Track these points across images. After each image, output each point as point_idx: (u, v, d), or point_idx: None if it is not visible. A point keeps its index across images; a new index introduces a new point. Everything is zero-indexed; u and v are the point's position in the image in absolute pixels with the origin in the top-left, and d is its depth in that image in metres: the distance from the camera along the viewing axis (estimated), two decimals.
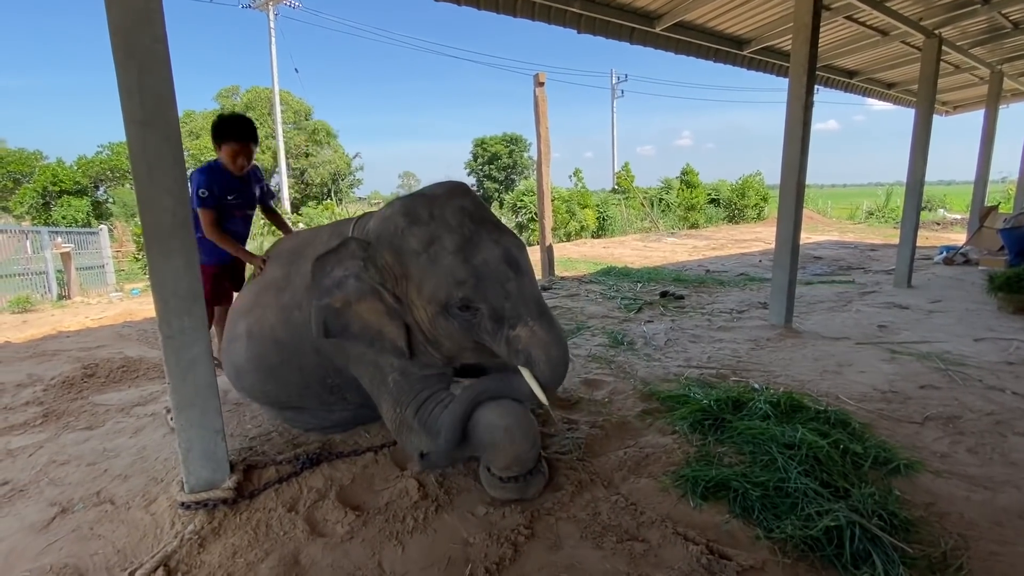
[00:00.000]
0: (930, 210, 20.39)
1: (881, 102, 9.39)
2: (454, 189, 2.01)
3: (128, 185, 22.55)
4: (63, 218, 19.54)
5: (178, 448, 2.00)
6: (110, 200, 22.55)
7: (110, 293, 8.57)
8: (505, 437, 1.91)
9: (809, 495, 1.89)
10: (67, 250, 8.24)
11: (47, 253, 8.48)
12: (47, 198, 20.96)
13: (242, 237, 2.93)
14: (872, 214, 21.32)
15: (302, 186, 26.90)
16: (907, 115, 7.34)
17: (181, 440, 1.98)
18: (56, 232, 9.52)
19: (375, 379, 2.14)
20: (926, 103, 6.00)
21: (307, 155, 26.93)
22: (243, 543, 1.83)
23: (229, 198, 2.73)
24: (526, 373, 1.86)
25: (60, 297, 8.13)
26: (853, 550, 1.65)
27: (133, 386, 3.56)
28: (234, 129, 2.69)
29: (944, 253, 8.10)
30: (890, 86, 8.86)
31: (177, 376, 1.92)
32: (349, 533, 1.87)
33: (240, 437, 2.61)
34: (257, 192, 2.96)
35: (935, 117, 6.74)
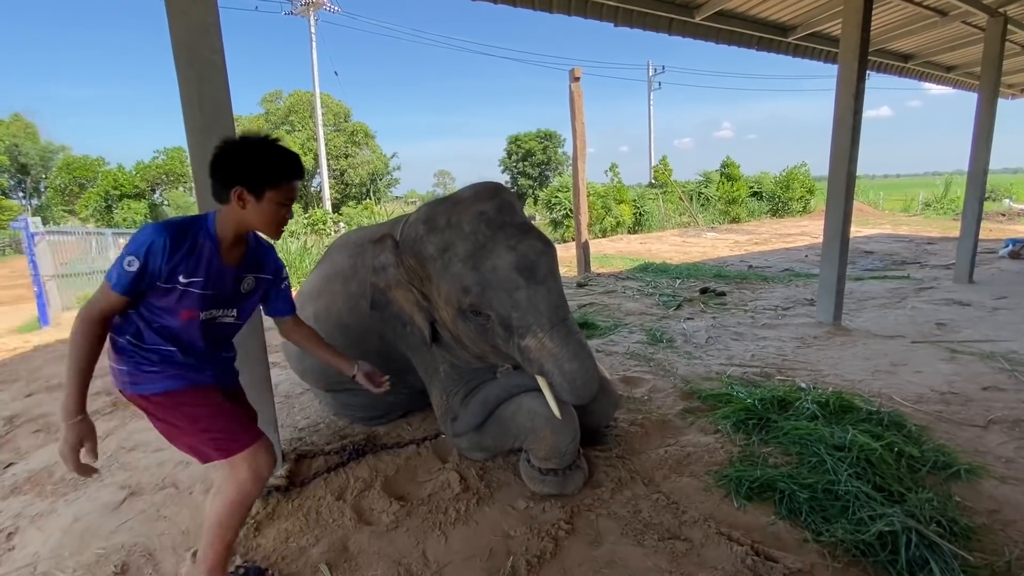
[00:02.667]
0: (994, 200, 19.15)
1: (939, 86, 8.83)
2: (480, 193, 2.01)
3: (181, 188, 23.79)
4: (123, 220, 20.80)
5: None
6: (165, 203, 23.82)
7: None
8: (546, 425, 1.94)
9: (861, 499, 1.83)
10: None
11: (111, 253, 9.05)
12: (109, 201, 22.35)
13: (203, 354, 1.50)
14: (929, 205, 20.19)
15: (342, 186, 27.64)
16: (968, 99, 6.91)
17: None
18: (119, 233, 10.14)
19: (429, 367, 2.25)
20: (990, 86, 5.63)
21: (346, 156, 27.62)
22: (295, 528, 1.92)
23: (183, 281, 1.37)
24: (542, 383, 1.88)
25: None
26: (909, 557, 1.59)
27: None
28: (290, 161, 1.42)
29: (1010, 246, 7.61)
30: (949, 69, 8.33)
31: None
32: (394, 522, 1.93)
33: (290, 428, 2.73)
34: (257, 295, 1.60)
35: (1000, 101, 6.31)
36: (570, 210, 13.20)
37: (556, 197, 16.01)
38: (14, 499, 2.24)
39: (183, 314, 1.41)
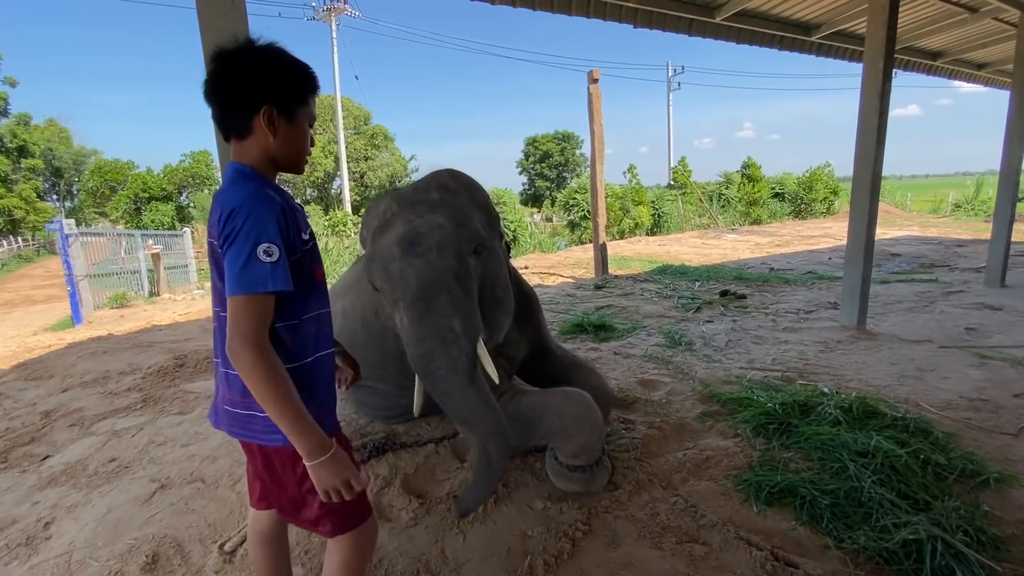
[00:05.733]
0: None
1: (969, 84, 8.60)
2: (425, 176, 1.97)
3: (207, 191, 24.36)
4: (152, 222, 21.41)
5: None
6: (192, 205, 24.44)
7: (193, 290, 9.31)
8: (576, 423, 1.96)
9: (885, 506, 1.80)
10: (157, 251, 9.04)
11: (140, 254, 9.34)
12: (138, 204, 23.02)
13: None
14: (959, 207, 19.59)
15: (362, 188, 28.01)
16: (1001, 97, 6.69)
17: None
18: (147, 235, 10.45)
19: None
20: (1023, 84, 5.45)
21: (366, 159, 28.01)
22: None
23: (304, 239, 1.14)
24: (481, 350, 1.69)
25: (151, 294, 8.93)
26: (934, 566, 1.55)
27: None
28: (309, 67, 1.14)
29: None
30: (980, 67, 8.08)
31: None
32: (413, 520, 1.96)
33: None
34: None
35: None
36: (588, 212, 13.16)
37: (574, 199, 15.98)
38: (51, 490, 2.34)
39: (317, 273, 1.17)
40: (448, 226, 1.70)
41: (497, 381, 1.72)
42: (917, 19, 5.95)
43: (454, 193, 1.88)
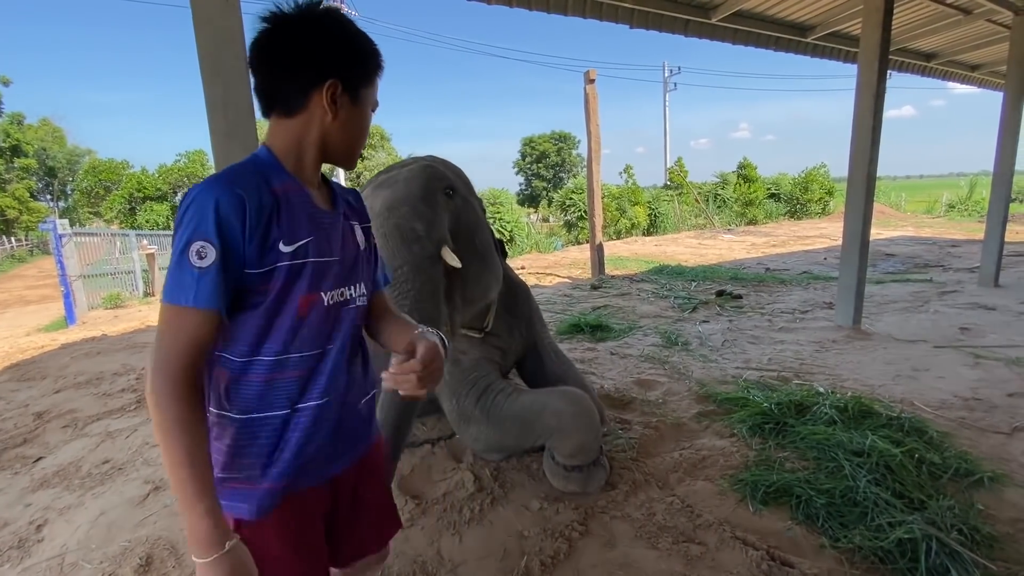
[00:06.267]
0: (1021, 202, 18.60)
1: (963, 85, 8.65)
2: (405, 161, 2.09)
3: None
4: (146, 222, 21.28)
5: None
6: None
7: None
8: (573, 423, 1.96)
9: (880, 505, 1.81)
10: (152, 251, 9.00)
11: (135, 254, 9.28)
12: (133, 203, 22.88)
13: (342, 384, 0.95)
14: (953, 207, 19.72)
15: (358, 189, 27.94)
16: (994, 99, 6.73)
17: None
18: (142, 235, 10.40)
19: None
20: (1016, 85, 5.49)
21: (362, 159, 27.93)
22: None
23: (287, 251, 0.85)
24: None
25: (145, 294, 8.88)
26: (929, 565, 1.56)
27: None
28: (378, 49, 0.92)
29: None
30: (974, 68, 8.14)
31: None
32: (410, 520, 1.95)
33: None
34: (376, 256, 1.10)
35: None
36: (585, 212, 13.18)
37: (571, 199, 15.99)
38: (43, 492, 2.32)
39: (301, 303, 0.85)
40: (416, 168, 1.88)
41: (459, 266, 1.75)
42: (911, 20, 5.98)
43: (429, 161, 2.02)
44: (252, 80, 0.89)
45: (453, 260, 1.73)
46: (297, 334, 0.86)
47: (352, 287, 0.95)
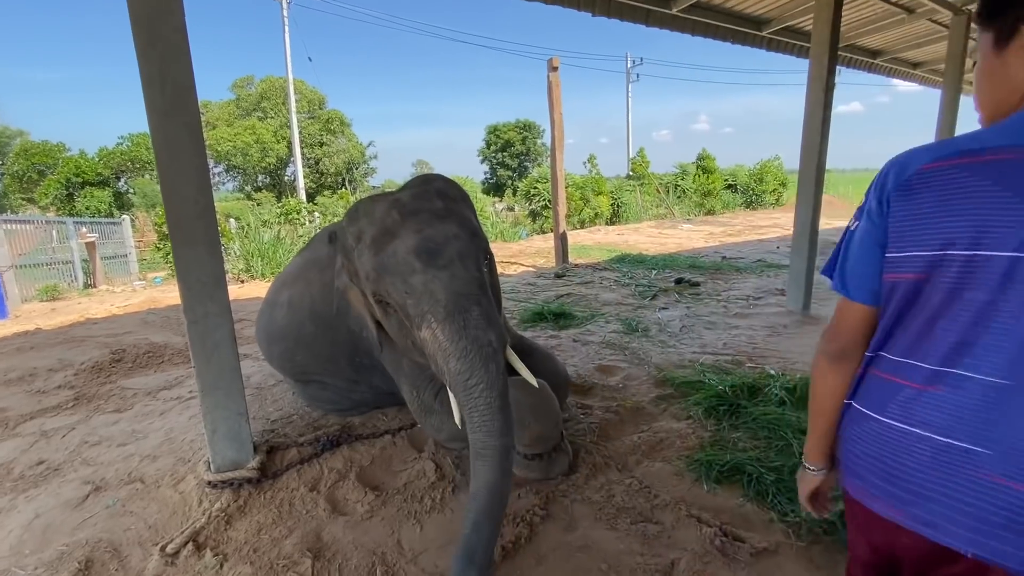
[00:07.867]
0: None
1: (906, 82, 9.10)
2: (411, 182, 2.00)
3: (148, 176, 22.97)
4: (87, 208, 19.98)
5: (204, 429, 2.07)
6: (131, 191, 22.98)
7: (133, 281, 8.78)
8: (530, 413, 1.96)
9: None
10: (92, 240, 8.45)
11: (73, 243, 8.71)
12: (71, 189, 21.43)
13: None
14: None
15: (317, 175, 27.07)
16: (933, 96, 7.12)
17: (207, 422, 2.05)
18: (81, 222, 9.75)
19: (393, 363, 2.22)
20: (953, 83, 5.81)
21: (321, 144, 27.04)
22: (268, 520, 1.89)
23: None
24: (512, 357, 1.72)
25: (86, 286, 8.35)
26: None
27: (159, 371, 3.66)
28: None
29: None
30: (915, 65, 8.57)
31: (202, 359, 1.98)
32: (369, 512, 1.92)
33: (262, 420, 2.69)
34: None
35: (962, 98, 6.53)
36: (549, 201, 13.22)
37: (535, 188, 15.98)
38: None
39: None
40: (464, 236, 1.70)
41: (537, 387, 1.80)
42: (859, 18, 6.23)
43: (455, 202, 1.89)
44: None
45: (527, 374, 1.73)
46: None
47: None
